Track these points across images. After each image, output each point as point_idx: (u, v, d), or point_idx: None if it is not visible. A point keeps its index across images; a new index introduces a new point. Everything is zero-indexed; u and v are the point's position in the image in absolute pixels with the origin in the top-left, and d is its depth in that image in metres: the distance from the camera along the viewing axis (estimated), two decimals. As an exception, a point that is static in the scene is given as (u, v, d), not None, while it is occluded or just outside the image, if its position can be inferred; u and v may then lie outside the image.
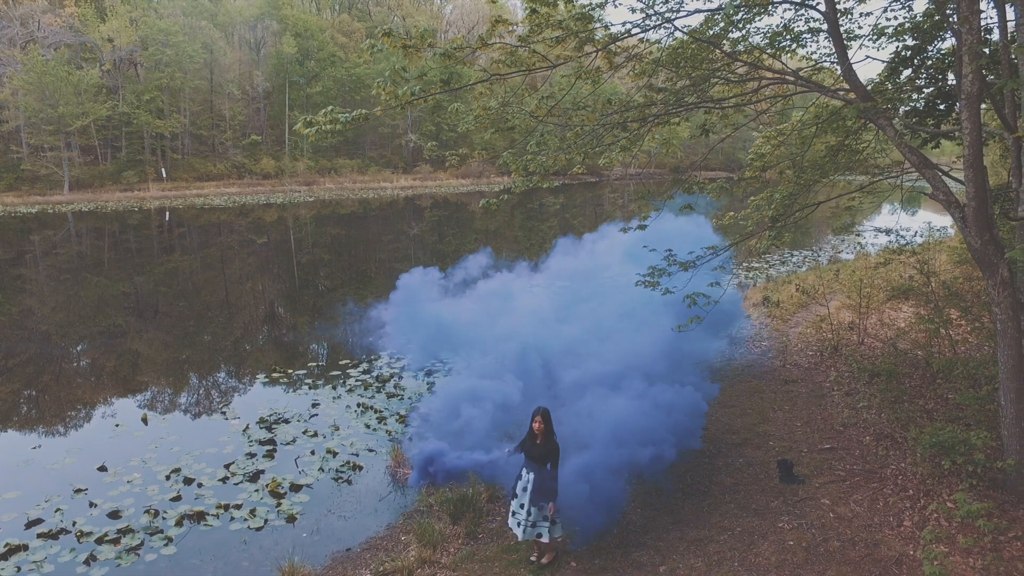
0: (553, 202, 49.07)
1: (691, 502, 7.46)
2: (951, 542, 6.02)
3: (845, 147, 9.18)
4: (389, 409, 11.17)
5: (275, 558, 7.14)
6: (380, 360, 13.56)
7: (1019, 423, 6.58)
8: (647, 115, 7.41)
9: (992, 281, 6.49)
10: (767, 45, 8.75)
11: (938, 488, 6.96)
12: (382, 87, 5.07)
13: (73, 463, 9.50)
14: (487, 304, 11.67)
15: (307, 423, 10.69)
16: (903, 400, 8.88)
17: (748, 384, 10.81)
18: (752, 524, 6.87)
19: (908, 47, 8.88)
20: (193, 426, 10.95)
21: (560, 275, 12.43)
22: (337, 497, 8.53)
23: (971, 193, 6.32)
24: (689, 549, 6.54)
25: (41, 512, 8.14)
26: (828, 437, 8.68)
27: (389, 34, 4.99)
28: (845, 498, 7.21)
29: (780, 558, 6.26)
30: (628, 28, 7.23)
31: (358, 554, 7.33)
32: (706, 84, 7.96)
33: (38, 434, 10.75)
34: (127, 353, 15.19)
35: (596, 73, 7.49)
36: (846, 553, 6.27)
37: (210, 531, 7.80)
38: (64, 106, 46.54)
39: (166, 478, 8.99)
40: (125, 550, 7.40)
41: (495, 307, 11.51)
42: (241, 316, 19.01)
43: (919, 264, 9.98)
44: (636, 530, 6.99)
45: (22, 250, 29.76)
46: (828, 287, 14.23)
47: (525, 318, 10.88)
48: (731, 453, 8.52)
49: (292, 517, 8.07)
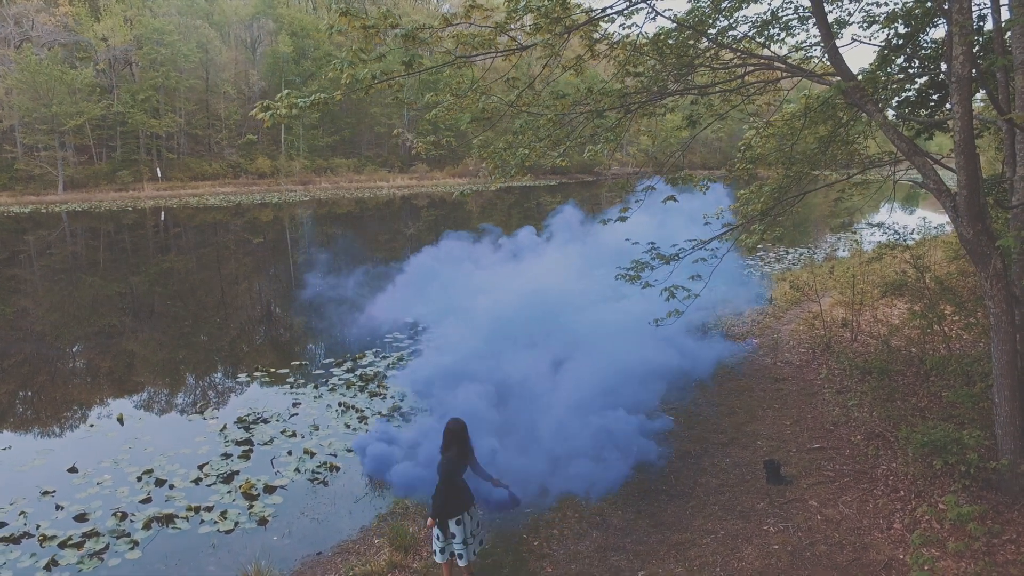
0: (550, 201, 48.79)
1: (674, 504, 7.19)
2: (942, 546, 5.75)
3: (836, 138, 8.92)
4: (371, 408, 10.91)
5: (242, 562, 6.88)
6: (365, 359, 13.30)
7: (1013, 421, 6.32)
8: (627, 103, 7.14)
9: (984, 273, 6.22)
10: (756, 34, 8.52)
11: (929, 489, 6.70)
12: (339, 69, 4.81)
13: (43, 464, 9.24)
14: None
15: (286, 423, 10.43)
16: (895, 398, 8.62)
17: (737, 383, 10.55)
18: (736, 527, 6.61)
19: (900, 35, 8.63)
20: (170, 426, 10.69)
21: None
22: (312, 499, 8.27)
23: (962, 181, 6.06)
24: (670, 554, 6.28)
25: (5, 515, 7.88)
26: (818, 436, 8.42)
27: (347, 13, 4.73)
28: (834, 499, 6.95)
29: (764, 563, 5.99)
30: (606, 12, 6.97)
31: (328, 558, 7.07)
32: (690, 71, 7.69)
33: (8, 434, 10.48)
34: (118, 353, 14.94)
35: (578, 62, 7.24)
36: (833, 557, 6.01)
37: (178, 534, 7.54)
38: (58, 105, 46.29)
39: (137, 479, 8.73)
40: (88, 555, 7.14)
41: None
42: (235, 317, 18.75)
43: (913, 259, 9.72)
44: (615, 533, 6.73)
45: (16, 250, 29.50)
46: (822, 284, 13.97)
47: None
48: (717, 453, 8.25)
49: (264, 520, 7.81)
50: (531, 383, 9.05)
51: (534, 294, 10.47)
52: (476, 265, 13.09)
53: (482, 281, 11.80)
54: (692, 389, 10.31)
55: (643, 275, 7.27)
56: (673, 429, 8.84)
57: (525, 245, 14.01)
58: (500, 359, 9.73)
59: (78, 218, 40.14)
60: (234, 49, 60.37)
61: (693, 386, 10.40)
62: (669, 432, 8.76)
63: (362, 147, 63.76)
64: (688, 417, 9.34)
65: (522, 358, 9.70)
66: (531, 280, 11.04)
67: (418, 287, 12.05)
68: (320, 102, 5.05)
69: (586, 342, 9.60)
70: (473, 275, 12.15)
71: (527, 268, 12.02)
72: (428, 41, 5.01)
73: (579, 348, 9.60)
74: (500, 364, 9.60)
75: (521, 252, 13.54)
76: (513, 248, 14.07)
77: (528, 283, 10.89)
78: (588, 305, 10.39)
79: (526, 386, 9.02)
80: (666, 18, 7.30)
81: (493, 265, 12.81)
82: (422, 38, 5.04)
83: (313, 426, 10.27)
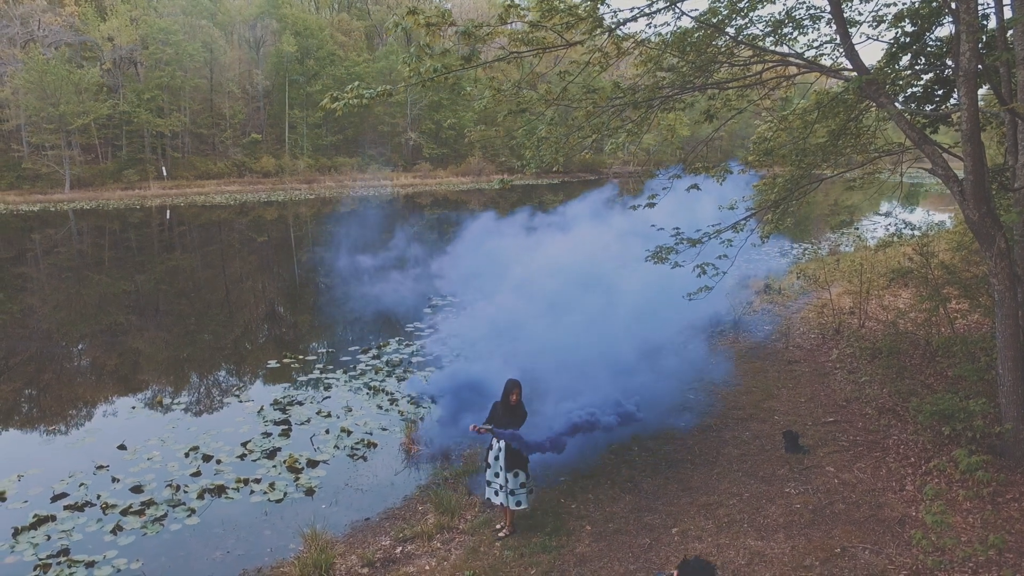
0: (553, 199, 49.27)
1: (700, 472, 7.69)
2: (952, 499, 6.26)
3: (846, 131, 9.42)
4: (400, 391, 11.39)
5: (296, 527, 7.35)
6: (389, 347, 13.78)
7: (1016, 389, 6.83)
8: (655, 96, 7.63)
9: (989, 253, 6.73)
10: (770, 32, 9.01)
11: (939, 455, 7.20)
12: (407, 62, 5.29)
13: (93, 442, 9.70)
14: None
15: (320, 404, 10.91)
16: (904, 376, 9.12)
17: (752, 365, 11.06)
18: (760, 490, 7.11)
19: (907, 33, 9.14)
20: (208, 408, 11.18)
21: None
22: (353, 472, 8.75)
23: (969, 167, 6.56)
24: (699, 513, 6.77)
25: (65, 487, 8.34)
26: (831, 411, 8.92)
27: (414, 12, 5.21)
28: (849, 466, 7.45)
29: (788, 519, 6.49)
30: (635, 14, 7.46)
31: (377, 523, 7.55)
32: (712, 67, 8.19)
33: (56, 418, 10.95)
34: (139, 345, 15.39)
35: (605, 58, 7.72)
36: (851, 514, 6.51)
37: (231, 503, 8.01)
38: (65, 105, 46.65)
39: (185, 455, 9.20)
40: (150, 520, 7.62)
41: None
42: (249, 311, 19.21)
43: (919, 246, 10.22)
44: (647, 496, 7.22)
45: (24, 248, 29.89)
46: (829, 275, 14.48)
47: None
48: (737, 427, 8.76)
49: (311, 490, 8.29)
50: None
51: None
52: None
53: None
54: (709, 369, 10.81)
55: (671, 257, 7.78)
56: (693, 402, 9.35)
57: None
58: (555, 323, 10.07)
59: (85, 216, 40.53)
60: (238, 49, 60.76)
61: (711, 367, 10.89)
62: (689, 408, 9.26)
63: (365, 146, 64.17)
64: (707, 395, 9.84)
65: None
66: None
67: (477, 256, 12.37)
68: (385, 93, 5.52)
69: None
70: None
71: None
72: (485, 37, 5.49)
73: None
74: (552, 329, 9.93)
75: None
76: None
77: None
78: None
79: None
80: (691, 17, 7.79)
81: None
82: (479, 35, 5.52)
83: (346, 407, 10.75)
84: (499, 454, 6.61)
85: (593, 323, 9.71)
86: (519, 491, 6.61)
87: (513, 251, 11.68)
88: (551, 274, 10.29)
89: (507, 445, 6.54)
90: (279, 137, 60.65)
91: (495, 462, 6.65)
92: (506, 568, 6.14)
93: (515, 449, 6.56)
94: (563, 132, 7.38)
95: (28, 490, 8.29)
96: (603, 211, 13.72)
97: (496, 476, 6.65)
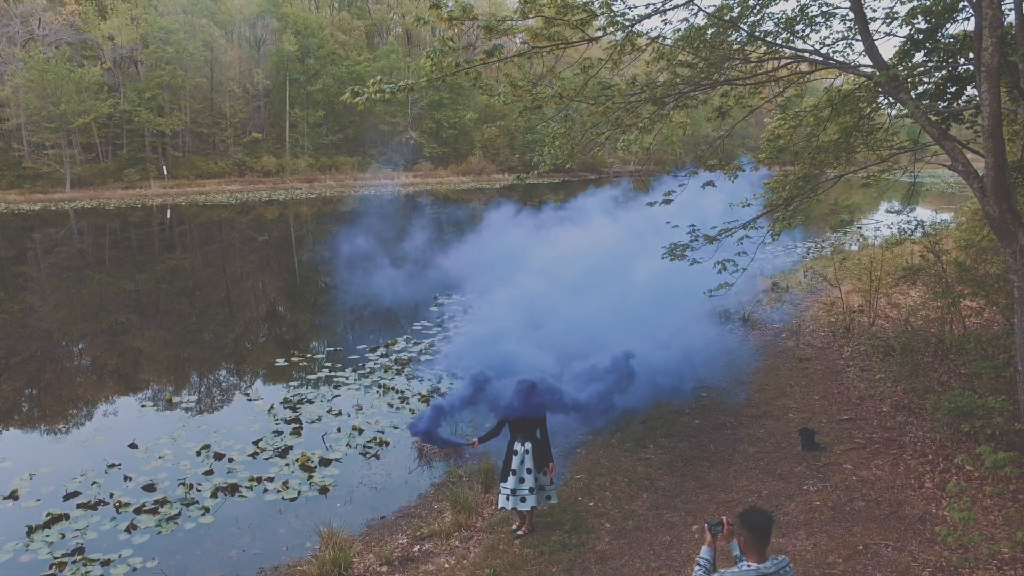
0: (554, 198, 49.24)
1: (717, 469, 7.66)
2: (974, 496, 6.24)
3: (860, 127, 9.39)
4: (410, 390, 11.36)
5: (312, 525, 7.31)
6: (397, 345, 13.75)
7: (1036, 387, 6.80)
8: (672, 92, 7.60)
9: (1010, 249, 6.70)
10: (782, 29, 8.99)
11: (956, 452, 7.18)
12: (431, 56, 5.26)
13: (103, 440, 9.66)
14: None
15: (330, 403, 10.87)
16: (918, 374, 9.09)
17: (763, 363, 11.03)
18: (778, 487, 7.08)
19: (920, 30, 9.12)
20: (218, 407, 11.14)
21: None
22: (367, 470, 8.72)
23: (990, 163, 6.53)
24: (719, 510, 6.74)
25: (78, 485, 8.30)
26: (846, 409, 8.90)
27: (437, 6, 5.18)
28: (867, 463, 7.43)
29: (808, 516, 6.47)
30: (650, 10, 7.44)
31: (392, 521, 7.52)
32: (726, 64, 8.16)
33: (64, 417, 10.91)
34: (141, 344, 15.34)
35: (619, 54, 7.68)
36: (871, 512, 6.49)
37: (245, 502, 7.97)
38: (65, 104, 46.58)
39: (197, 454, 9.15)
40: (164, 519, 7.57)
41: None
42: (269, 307, 19.17)
43: (929, 243, 10.20)
44: (665, 494, 7.19)
45: (24, 248, 29.81)
46: (838, 273, 14.48)
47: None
48: (752, 425, 8.73)
49: (325, 489, 8.25)
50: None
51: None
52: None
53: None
54: (720, 367, 10.79)
55: (687, 254, 7.75)
56: (706, 399, 9.33)
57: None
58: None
59: (86, 215, 40.44)
60: (238, 48, 60.71)
61: (722, 364, 10.88)
62: (703, 405, 9.24)
63: (366, 145, 64.12)
64: (720, 393, 9.82)
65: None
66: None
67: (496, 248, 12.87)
68: (407, 88, 5.49)
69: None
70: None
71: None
72: (507, 32, 5.45)
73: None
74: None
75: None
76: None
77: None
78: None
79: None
80: (706, 12, 7.76)
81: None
82: (500, 29, 5.49)
83: (357, 406, 10.71)
84: (525, 457, 6.46)
85: (601, 315, 9.83)
86: (548, 487, 6.57)
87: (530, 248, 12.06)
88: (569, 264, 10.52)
89: (533, 446, 6.48)
90: (280, 136, 60.59)
91: (520, 466, 6.45)
92: (527, 566, 6.11)
93: (540, 448, 6.50)
94: (579, 129, 7.35)
95: (40, 488, 8.24)
96: (614, 208, 14.05)
97: (522, 482, 6.45)
